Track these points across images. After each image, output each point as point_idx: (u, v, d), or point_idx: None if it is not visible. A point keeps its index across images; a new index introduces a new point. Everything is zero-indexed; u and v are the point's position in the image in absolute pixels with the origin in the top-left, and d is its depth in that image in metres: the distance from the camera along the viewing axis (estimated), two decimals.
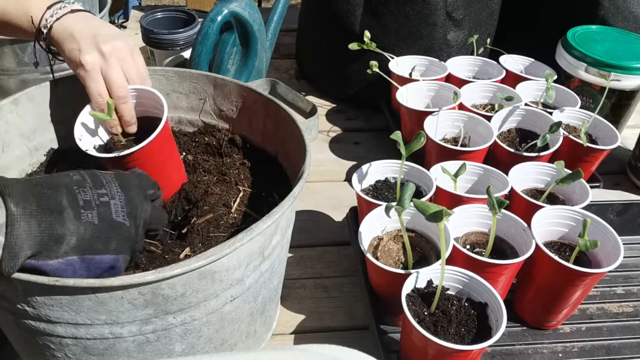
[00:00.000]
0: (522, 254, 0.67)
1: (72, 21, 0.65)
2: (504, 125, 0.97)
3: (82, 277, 0.49)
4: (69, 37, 0.64)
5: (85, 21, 0.66)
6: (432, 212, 0.56)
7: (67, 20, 0.65)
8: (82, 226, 0.48)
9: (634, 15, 1.12)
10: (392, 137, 0.74)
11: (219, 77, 0.77)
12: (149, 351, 0.54)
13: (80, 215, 0.48)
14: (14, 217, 0.44)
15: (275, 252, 0.60)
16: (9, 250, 0.44)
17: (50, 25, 0.64)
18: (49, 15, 0.65)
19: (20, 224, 0.45)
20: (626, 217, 0.89)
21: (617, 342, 0.73)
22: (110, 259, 0.51)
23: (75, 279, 0.46)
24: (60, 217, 0.47)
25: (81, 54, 0.62)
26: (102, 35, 0.64)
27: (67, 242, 0.47)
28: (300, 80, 1.34)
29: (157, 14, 1.25)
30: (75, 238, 0.48)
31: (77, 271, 0.49)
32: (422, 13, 1.10)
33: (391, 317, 0.73)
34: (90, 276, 0.50)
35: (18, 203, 0.45)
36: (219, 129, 0.79)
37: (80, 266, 0.49)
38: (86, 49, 0.62)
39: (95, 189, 0.51)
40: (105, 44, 0.63)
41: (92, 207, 0.49)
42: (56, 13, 0.65)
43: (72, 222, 0.48)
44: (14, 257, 0.44)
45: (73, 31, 0.64)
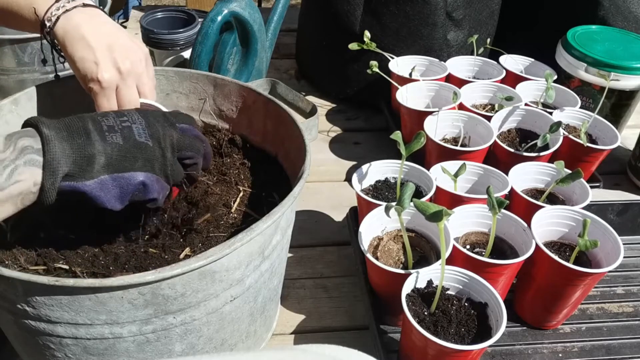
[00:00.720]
0: (522, 254, 0.67)
1: (81, 20, 0.60)
2: (504, 125, 0.97)
3: (115, 195, 0.52)
4: (80, 41, 0.59)
5: (97, 22, 0.61)
6: (432, 212, 0.56)
7: (76, 17, 0.60)
8: (109, 146, 0.51)
9: (634, 15, 1.12)
10: (392, 137, 0.74)
11: (219, 77, 0.77)
12: (149, 351, 0.54)
13: (105, 137, 0.51)
14: (48, 138, 0.48)
15: (275, 252, 0.60)
16: (49, 167, 0.48)
17: (56, 18, 0.60)
18: (55, 9, 0.60)
19: (54, 143, 0.48)
20: (626, 217, 0.89)
21: (617, 342, 0.73)
22: (140, 175, 0.53)
23: (75, 279, 0.47)
24: (89, 138, 0.50)
25: (99, 69, 0.59)
26: (119, 46, 0.60)
27: (97, 161, 0.50)
28: (300, 80, 1.34)
29: (157, 14, 1.25)
30: (104, 157, 0.51)
31: (110, 190, 0.52)
32: (422, 13, 1.10)
33: (391, 317, 0.73)
34: (123, 193, 0.52)
35: (50, 128, 0.49)
36: (219, 129, 0.79)
37: (113, 184, 0.52)
38: (104, 65, 0.59)
39: (116, 117, 0.54)
40: (124, 61, 0.60)
41: (115, 131, 0.52)
42: (63, 6, 0.60)
43: (99, 142, 0.51)
44: (53, 173, 0.48)
45: (85, 36, 0.59)
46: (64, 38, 0.60)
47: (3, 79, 1.04)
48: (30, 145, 0.48)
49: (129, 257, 0.59)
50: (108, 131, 0.52)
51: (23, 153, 0.47)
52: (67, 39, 0.60)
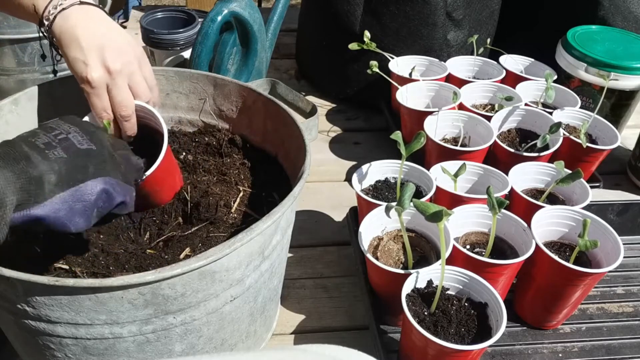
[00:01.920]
0: (522, 254, 0.67)
1: (77, 19, 0.60)
2: (504, 125, 0.97)
3: (78, 211, 0.48)
4: (74, 42, 0.59)
5: (93, 22, 0.61)
6: (432, 212, 0.56)
7: (72, 16, 0.60)
8: (54, 163, 0.47)
9: (634, 15, 1.12)
10: (392, 137, 0.74)
11: (219, 77, 0.77)
12: (149, 351, 0.54)
13: (46, 154, 0.48)
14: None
15: (275, 252, 0.60)
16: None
17: (53, 17, 0.60)
18: (52, 7, 0.60)
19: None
20: (626, 217, 0.89)
21: (617, 342, 0.73)
22: (98, 182, 0.49)
23: (75, 279, 0.47)
24: (29, 161, 0.46)
25: (88, 69, 0.59)
26: (110, 47, 0.60)
27: (47, 180, 0.46)
28: (300, 80, 1.34)
29: (157, 14, 1.25)
30: (53, 175, 0.47)
31: (73, 207, 0.47)
32: (422, 13, 1.10)
33: (391, 317, 0.73)
34: (88, 209, 0.49)
35: None
36: (219, 129, 0.79)
37: (72, 200, 0.47)
38: (93, 64, 0.59)
39: (48, 133, 0.50)
40: (114, 62, 0.60)
41: (53, 146, 0.49)
42: (60, 4, 0.60)
43: (42, 162, 0.47)
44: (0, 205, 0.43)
45: (79, 37, 0.59)
46: (60, 38, 0.60)
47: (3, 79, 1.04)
48: None
49: (129, 257, 0.59)
50: (46, 148, 0.48)
51: None
52: (63, 39, 0.60)
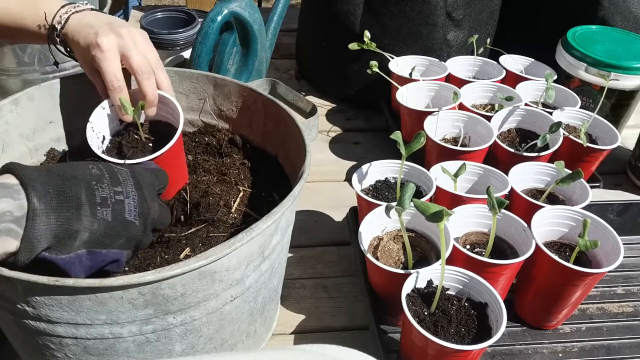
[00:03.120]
0: (522, 254, 0.67)
1: (86, 15, 0.65)
2: (504, 125, 0.97)
3: (86, 267, 0.50)
4: (84, 27, 0.63)
5: (101, 15, 0.66)
6: (432, 212, 0.56)
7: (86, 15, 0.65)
8: (97, 222, 0.49)
9: (634, 15, 1.12)
10: (392, 137, 0.74)
11: (219, 77, 0.77)
12: (149, 351, 0.54)
13: (96, 212, 0.49)
14: (35, 212, 0.45)
15: (275, 252, 0.60)
16: (27, 243, 0.45)
17: (65, 19, 0.64)
18: (63, 12, 0.65)
19: (41, 218, 0.45)
20: (626, 217, 0.89)
21: (617, 342, 0.73)
22: (115, 254, 0.52)
23: (75, 279, 0.46)
24: (78, 212, 0.48)
25: (98, 36, 0.61)
26: (118, 22, 0.64)
27: (80, 237, 0.48)
28: (300, 80, 1.34)
29: (157, 14, 1.25)
30: (88, 233, 0.49)
31: (83, 262, 0.50)
32: (422, 13, 1.10)
33: (391, 317, 0.73)
34: (94, 267, 0.51)
35: (41, 198, 0.46)
36: (219, 129, 0.79)
37: (87, 258, 0.50)
38: (103, 32, 0.62)
39: (112, 186, 0.52)
40: (122, 28, 0.63)
41: (107, 205, 0.51)
42: (70, 11, 0.65)
43: (87, 218, 0.49)
44: (31, 250, 0.45)
45: (88, 21, 0.64)
46: (72, 33, 0.64)
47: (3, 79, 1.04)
48: (9, 211, 0.44)
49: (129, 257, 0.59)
50: (100, 205, 0.50)
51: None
52: (75, 31, 0.64)
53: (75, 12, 0.65)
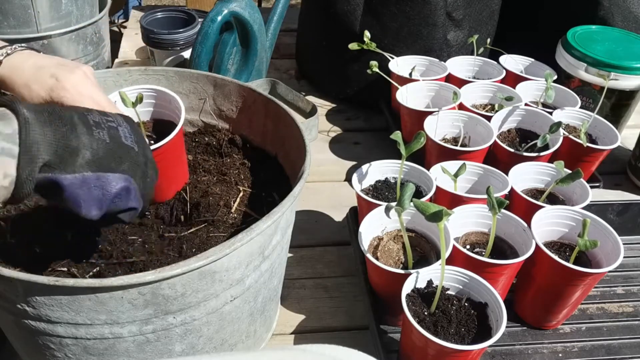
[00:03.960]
0: (522, 254, 0.67)
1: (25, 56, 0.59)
2: (504, 125, 0.97)
3: (96, 197, 0.47)
4: (30, 69, 0.57)
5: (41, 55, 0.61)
6: (432, 212, 0.56)
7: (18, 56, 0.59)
8: (95, 142, 0.47)
9: (634, 15, 1.12)
10: (392, 137, 0.74)
11: (219, 77, 0.77)
12: (149, 351, 0.54)
13: (92, 131, 0.47)
14: (27, 120, 0.42)
15: (275, 252, 0.60)
16: (26, 152, 0.42)
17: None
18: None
19: (34, 128, 0.43)
20: (626, 217, 0.89)
21: (617, 342, 0.73)
22: (124, 179, 0.49)
23: (75, 279, 0.47)
24: (74, 130, 0.46)
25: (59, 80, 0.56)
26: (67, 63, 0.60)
27: (82, 155, 0.46)
28: (300, 80, 1.34)
29: (157, 14, 1.25)
30: (89, 152, 0.46)
31: (92, 190, 0.47)
32: (422, 13, 1.10)
33: (391, 317, 0.73)
34: (104, 198, 0.48)
35: (30, 110, 0.43)
36: (219, 129, 0.79)
37: (95, 183, 0.47)
38: (62, 74, 0.57)
39: (102, 115, 0.50)
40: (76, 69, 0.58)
41: (102, 127, 0.48)
42: (6, 52, 0.59)
43: (85, 136, 0.46)
44: (31, 161, 0.42)
45: (34, 62, 0.58)
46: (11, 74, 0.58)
47: None
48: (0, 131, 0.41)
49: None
50: (95, 126, 0.48)
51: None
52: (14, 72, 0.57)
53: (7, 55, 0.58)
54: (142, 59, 1.38)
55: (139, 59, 1.39)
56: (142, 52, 1.40)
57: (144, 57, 1.39)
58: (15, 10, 1.11)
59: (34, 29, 1.14)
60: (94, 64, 1.27)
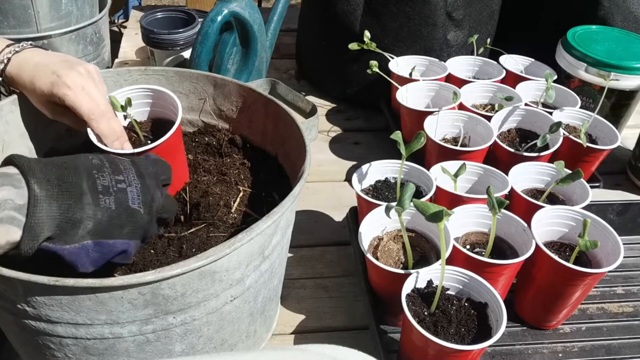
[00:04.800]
0: (522, 254, 0.67)
1: (31, 54, 0.64)
2: (504, 125, 0.97)
3: (95, 260, 0.50)
4: (36, 67, 0.62)
5: (47, 52, 0.65)
6: (432, 212, 0.56)
7: (26, 53, 0.64)
8: (100, 211, 0.49)
9: (634, 15, 1.12)
10: (392, 137, 0.74)
11: (219, 77, 0.77)
12: (149, 351, 0.54)
13: (99, 200, 0.49)
14: (37, 198, 0.45)
15: (275, 252, 0.60)
16: (29, 231, 0.45)
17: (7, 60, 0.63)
18: (7, 52, 0.63)
19: (42, 205, 0.45)
20: (626, 217, 0.89)
21: (617, 342, 0.73)
22: (123, 244, 0.51)
23: (75, 279, 0.46)
24: (80, 201, 0.48)
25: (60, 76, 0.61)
26: (70, 59, 0.63)
27: (84, 226, 0.48)
28: (300, 80, 1.34)
29: (157, 14, 1.25)
30: (92, 223, 0.48)
31: (90, 254, 0.49)
32: (422, 13, 1.10)
33: (391, 317, 0.73)
34: (102, 259, 0.51)
35: (41, 185, 0.46)
36: (219, 129, 0.79)
37: (94, 249, 0.49)
38: (64, 70, 0.61)
39: (113, 174, 0.52)
40: (78, 66, 0.63)
41: (109, 193, 0.50)
42: (14, 50, 0.64)
43: (90, 206, 0.48)
44: (33, 238, 0.45)
45: (39, 61, 0.62)
46: (18, 71, 0.62)
47: None
48: (11, 199, 0.44)
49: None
50: (102, 193, 0.50)
51: (1, 207, 0.44)
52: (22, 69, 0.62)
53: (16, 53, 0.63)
54: (142, 59, 1.38)
55: (139, 59, 1.39)
56: (142, 52, 1.40)
57: (144, 57, 1.39)
58: (15, 10, 1.11)
59: (34, 29, 1.14)
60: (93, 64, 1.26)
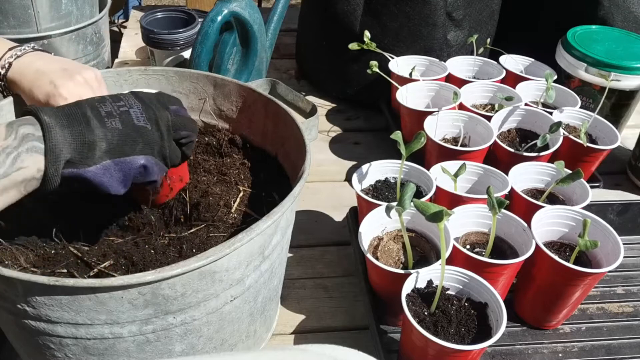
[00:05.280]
0: (522, 254, 0.67)
1: (33, 58, 0.65)
2: (504, 125, 0.97)
3: (118, 178, 0.53)
4: (35, 74, 0.63)
5: (48, 57, 0.66)
6: (432, 212, 0.56)
7: (27, 57, 0.65)
8: (109, 132, 0.52)
9: (634, 15, 1.12)
10: (392, 137, 0.74)
11: (219, 77, 0.77)
12: (149, 351, 0.54)
13: (104, 122, 0.52)
14: (49, 125, 0.49)
15: (275, 252, 0.60)
16: (50, 153, 0.48)
17: (8, 64, 0.64)
18: (8, 56, 0.65)
19: (55, 130, 0.49)
20: (626, 217, 0.89)
21: (617, 342, 0.73)
22: (140, 159, 0.54)
23: (75, 279, 0.47)
24: (88, 125, 0.51)
25: (56, 86, 0.62)
26: (70, 67, 0.65)
27: (99, 147, 0.51)
28: (300, 80, 1.34)
29: (157, 14, 1.25)
30: (105, 143, 0.51)
31: (113, 174, 0.53)
32: (422, 13, 1.10)
33: (391, 317, 0.73)
34: (126, 178, 0.54)
35: (51, 116, 0.49)
36: (219, 129, 0.79)
37: (115, 169, 0.53)
38: (60, 80, 0.63)
39: (114, 102, 0.55)
40: (77, 75, 0.64)
41: (113, 116, 0.53)
42: (15, 54, 0.65)
43: (99, 129, 0.51)
44: (55, 160, 0.48)
45: (38, 67, 0.64)
46: (19, 77, 0.64)
47: None
48: (32, 133, 0.48)
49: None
50: (107, 117, 0.53)
51: (25, 140, 0.48)
52: (23, 75, 0.64)
53: (17, 57, 0.65)
54: (142, 59, 1.38)
55: (139, 59, 1.39)
56: (142, 52, 1.40)
57: (144, 57, 1.39)
58: (15, 10, 1.11)
59: (34, 29, 1.14)
60: (94, 64, 1.27)
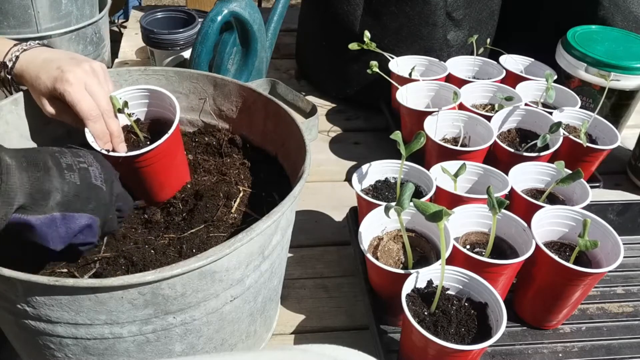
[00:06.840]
0: (522, 254, 0.67)
1: (40, 50, 0.66)
2: (504, 125, 0.97)
3: (61, 233, 0.52)
4: (43, 62, 0.64)
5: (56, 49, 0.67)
6: (432, 212, 0.56)
7: (35, 50, 0.66)
8: (66, 185, 0.52)
9: (634, 15, 1.12)
10: (392, 137, 0.74)
11: (219, 77, 0.77)
12: (149, 351, 0.54)
13: (64, 174, 0.52)
14: (9, 167, 0.47)
15: (275, 252, 0.60)
16: (4, 196, 0.47)
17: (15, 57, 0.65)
18: (15, 50, 0.65)
19: (14, 173, 0.48)
20: (626, 217, 0.89)
21: (617, 342, 0.73)
22: (88, 218, 0.53)
23: (75, 279, 0.47)
24: (48, 174, 0.50)
25: (64, 71, 0.62)
26: (78, 57, 0.65)
27: (53, 197, 0.50)
28: (300, 80, 1.34)
29: (157, 14, 1.25)
30: (59, 195, 0.51)
31: (59, 227, 0.51)
32: (422, 13, 1.10)
33: (391, 317, 0.73)
34: (68, 233, 0.52)
35: (12, 157, 0.48)
36: (219, 129, 0.79)
37: (61, 222, 0.51)
38: (68, 66, 0.63)
39: (74, 157, 0.55)
40: (84, 63, 0.64)
41: (73, 170, 0.53)
42: (22, 48, 0.66)
43: (57, 179, 0.51)
44: (8, 204, 0.47)
45: (47, 57, 0.64)
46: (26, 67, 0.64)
47: None
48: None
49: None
50: (67, 169, 0.52)
51: None
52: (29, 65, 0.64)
53: (24, 50, 0.65)
54: (142, 59, 1.38)
55: (139, 59, 1.39)
56: (142, 52, 1.40)
57: (144, 57, 1.39)
58: (15, 10, 1.11)
59: (34, 29, 1.14)
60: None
